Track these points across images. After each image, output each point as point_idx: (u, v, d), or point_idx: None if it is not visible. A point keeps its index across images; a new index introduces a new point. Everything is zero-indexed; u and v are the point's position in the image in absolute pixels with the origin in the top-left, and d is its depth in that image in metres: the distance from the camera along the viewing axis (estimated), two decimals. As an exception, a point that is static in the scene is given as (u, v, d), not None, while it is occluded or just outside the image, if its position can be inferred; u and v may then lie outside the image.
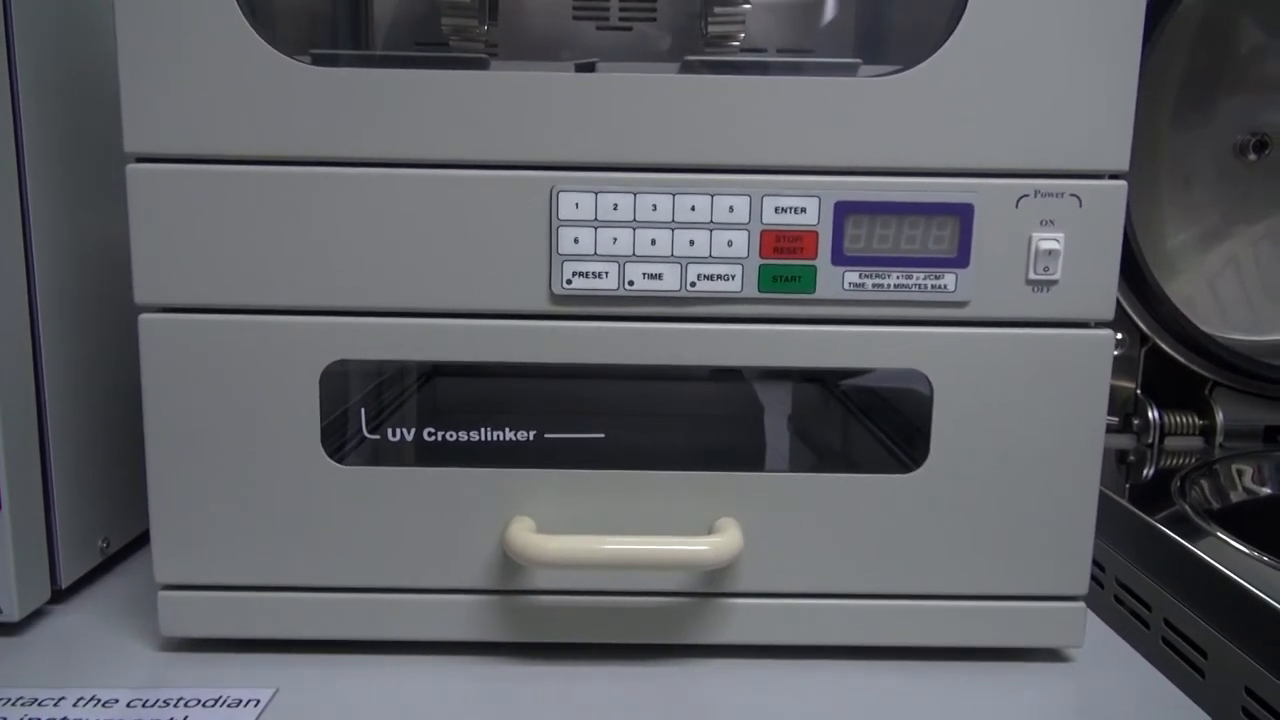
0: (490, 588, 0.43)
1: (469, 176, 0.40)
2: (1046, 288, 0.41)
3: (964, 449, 0.42)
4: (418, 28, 0.60)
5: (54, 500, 0.46)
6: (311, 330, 0.41)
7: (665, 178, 0.40)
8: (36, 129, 0.44)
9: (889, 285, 0.41)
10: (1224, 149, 0.77)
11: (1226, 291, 0.78)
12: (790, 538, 0.43)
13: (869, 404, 0.46)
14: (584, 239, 0.40)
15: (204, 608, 0.43)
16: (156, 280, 0.41)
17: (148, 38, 0.39)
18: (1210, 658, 0.50)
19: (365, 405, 0.43)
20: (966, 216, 0.40)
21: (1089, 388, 0.42)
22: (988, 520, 0.43)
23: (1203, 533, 0.56)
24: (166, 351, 0.41)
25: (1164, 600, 0.55)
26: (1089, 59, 0.40)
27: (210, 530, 0.42)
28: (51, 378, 0.46)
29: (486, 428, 0.43)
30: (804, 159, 0.40)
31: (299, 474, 0.42)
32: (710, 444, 0.47)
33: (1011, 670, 0.44)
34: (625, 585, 0.43)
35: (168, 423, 0.42)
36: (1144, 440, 0.76)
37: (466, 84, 0.39)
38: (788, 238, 0.41)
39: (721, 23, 0.49)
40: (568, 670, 0.43)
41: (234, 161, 0.40)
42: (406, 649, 0.44)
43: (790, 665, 0.44)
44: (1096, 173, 0.41)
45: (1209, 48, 0.75)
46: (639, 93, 0.40)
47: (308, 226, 0.40)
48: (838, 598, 0.44)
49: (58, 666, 0.43)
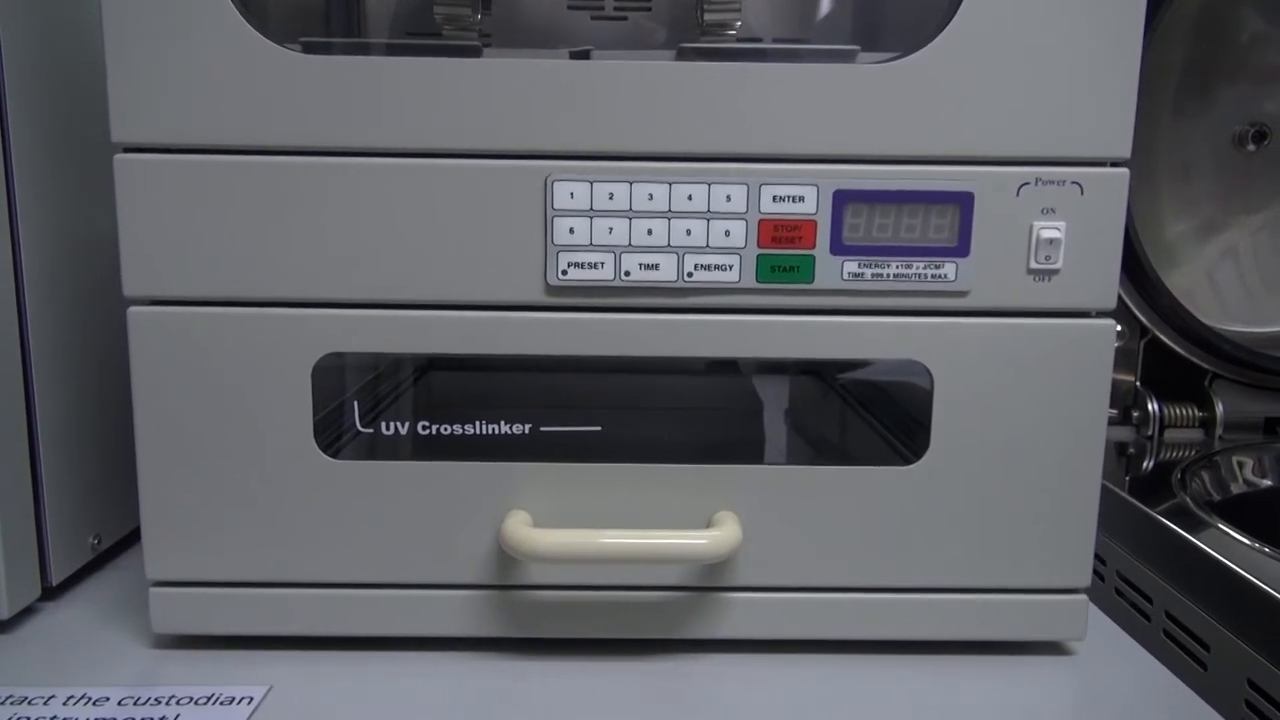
0: (486, 583, 0.43)
1: (462, 166, 0.40)
2: (1048, 277, 0.41)
3: (964, 441, 0.42)
4: (411, 18, 0.60)
5: (44, 496, 0.46)
6: (303, 323, 0.41)
7: (662, 166, 0.40)
8: (23, 119, 0.44)
9: (888, 275, 0.41)
10: (1223, 139, 0.77)
11: (1226, 283, 0.78)
12: (790, 531, 0.43)
13: (868, 395, 0.45)
14: (579, 229, 0.40)
15: (196, 604, 0.43)
16: (145, 273, 0.40)
17: (135, 25, 0.38)
18: (1212, 650, 0.50)
19: (358, 398, 0.43)
20: (967, 205, 0.40)
21: (1091, 378, 0.42)
22: (988, 512, 0.43)
23: (1204, 525, 0.56)
24: (156, 345, 0.41)
25: (1165, 593, 0.54)
26: (1090, 44, 0.39)
27: (202, 526, 0.42)
28: (40, 372, 0.46)
29: (482, 421, 0.43)
30: (802, 147, 0.40)
31: (291, 468, 0.42)
32: (709, 437, 0.46)
33: (1013, 663, 0.44)
34: (623, 580, 0.43)
35: (158, 417, 0.41)
36: (1144, 432, 0.76)
37: (459, 71, 0.39)
38: (786, 227, 0.40)
39: (717, 10, 0.49)
40: (565, 666, 0.43)
41: (223, 151, 0.39)
42: (401, 645, 0.43)
43: (790, 660, 0.43)
44: (1098, 160, 0.40)
45: (1208, 37, 0.75)
46: (634, 80, 0.39)
47: (298, 217, 0.40)
48: (838, 591, 0.43)
49: (48, 664, 0.42)
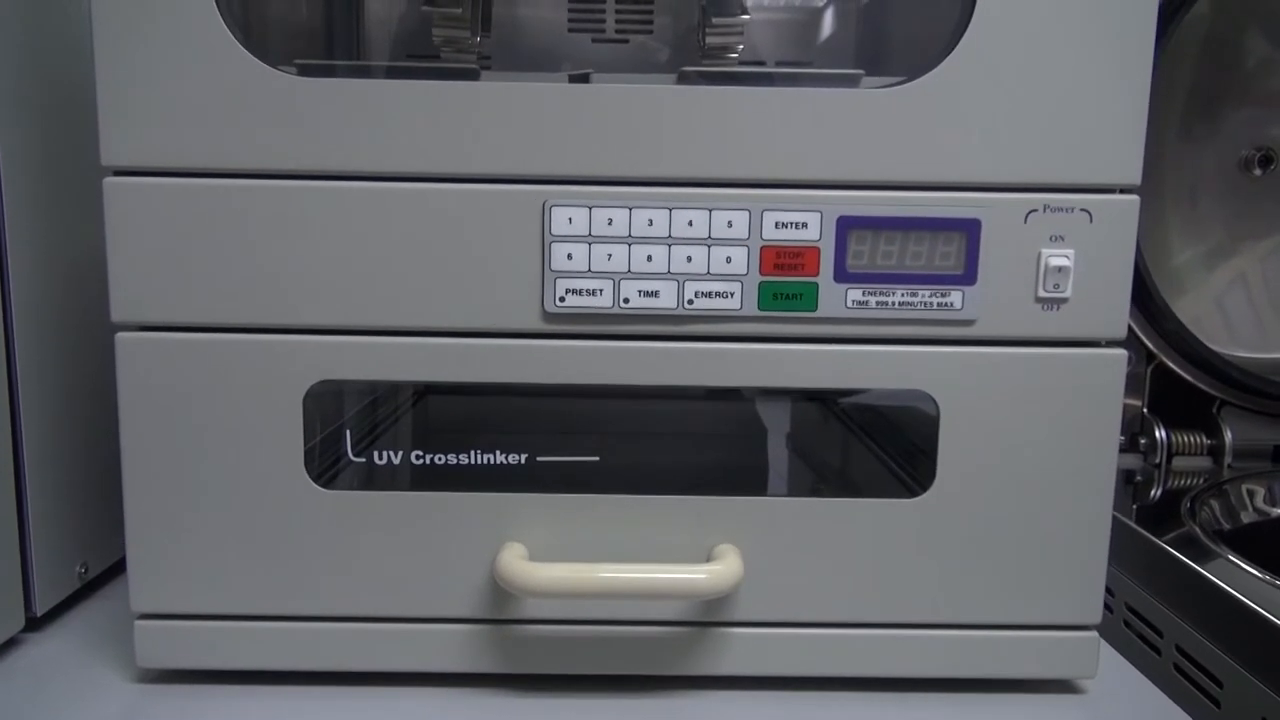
0: (480, 617, 0.42)
1: (458, 190, 0.39)
2: (1056, 305, 0.40)
3: (971, 472, 0.41)
4: (410, 41, 0.60)
5: (29, 524, 0.45)
6: (295, 350, 0.40)
7: (661, 192, 0.39)
8: (12, 141, 0.44)
9: (893, 303, 0.40)
10: (1229, 164, 0.76)
11: (1234, 309, 0.77)
12: (792, 565, 0.42)
13: (873, 426, 0.44)
14: (578, 255, 0.39)
15: (182, 638, 0.42)
16: (134, 298, 0.40)
17: (126, 46, 0.38)
18: (1226, 687, 0.49)
19: (350, 427, 0.42)
20: (973, 232, 0.39)
21: (1101, 408, 0.41)
22: (996, 546, 0.42)
23: (1213, 555, 0.55)
24: (144, 371, 0.40)
25: (1175, 626, 0.53)
26: (1099, 69, 0.39)
27: (189, 557, 0.41)
28: (27, 396, 0.45)
29: (477, 450, 0.42)
30: (805, 172, 0.39)
31: (281, 499, 0.41)
32: (709, 468, 0.45)
33: (1022, 702, 0.43)
34: (621, 615, 0.42)
35: (145, 445, 0.40)
36: (1151, 460, 0.75)
37: (456, 95, 0.38)
38: (788, 254, 0.39)
39: (719, 34, 0.48)
40: (561, 703, 0.42)
41: (215, 175, 0.39)
42: (393, 680, 0.43)
43: (792, 697, 0.43)
44: (1107, 187, 0.40)
45: (1214, 61, 0.74)
46: (634, 104, 0.39)
47: (291, 242, 0.39)
48: (841, 627, 0.42)
49: (30, 698, 0.42)
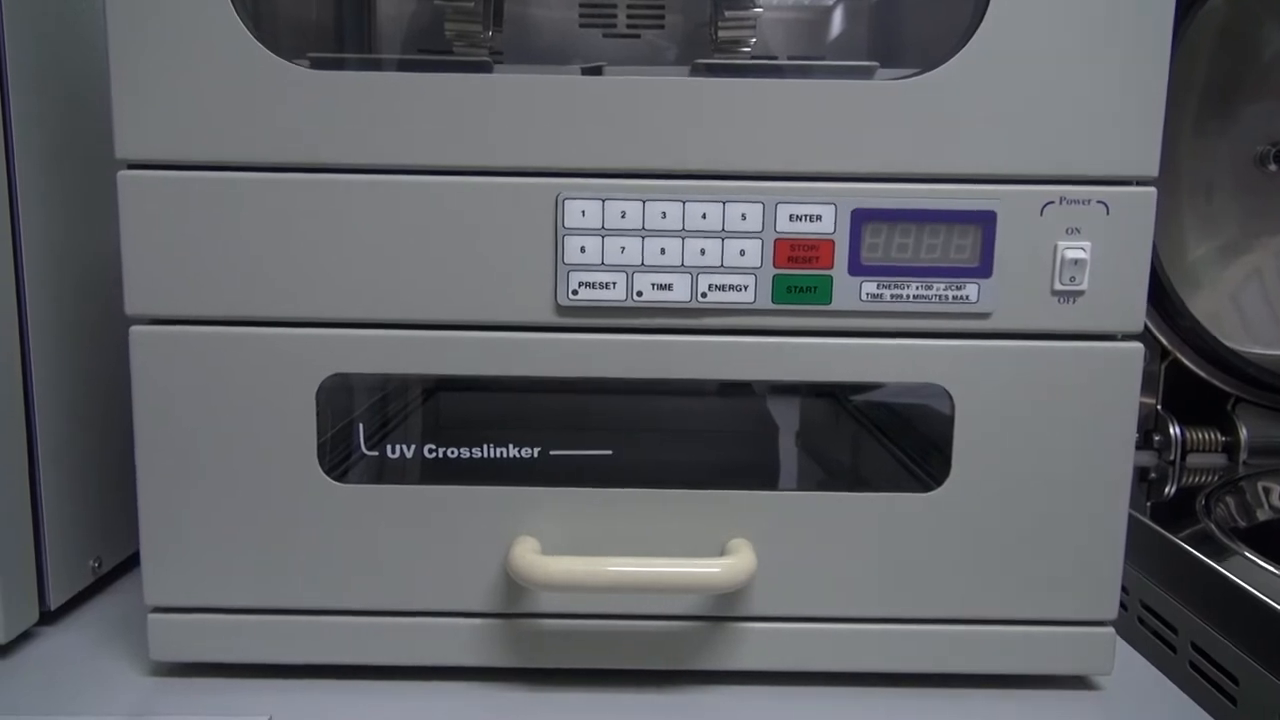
0: (493, 611, 0.42)
1: (471, 183, 0.39)
2: (1073, 298, 0.40)
3: (986, 467, 0.41)
4: (423, 35, 0.60)
5: (43, 518, 0.45)
6: (308, 343, 0.40)
7: (675, 184, 0.39)
8: (27, 134, 0.44)
9: (908, 296, 0.40)
10: (1244, 159, 0.75)
11: (1249, 305, 0.76)
12: (806, 559, 0.42)
13: (887, 420, 0.44)
14: (591, 248, 0.39)
15: (195, 631, 0.42)
16: (148, 291, 0.40)
17: (140, 40, 0.38)
18: (1242, 684, 0.48)
19: (364, 420, 0.42)
20: (989, 224, 0.39)
21: (1117, 402, 0.41)
22: (1011, 541, 0.41)
23: (1229, 552, 0.55)
24: (158, 365, 0.40)
25: (1191, 623, 0.53)
26: (1116, 60, 0.38)
27: (202, 551, 0.41)
28: (41, 390, 0.45)
29: (489, 444, 0.42)
30: (819, 165, 0.39)
31: (294, 492, 0.41)
32: (723, 461, 0.45)
33: (1037, 698, 0.42)
34: (634, 609, 0.42)
35: (159, 438, 0.40)
36: (1165, 457, 0.74)
37: (469, 87, 0.38)
38: (802, 247, 0.39)
39: (732, 27, 0.48)
40: (574, 697, 0.42)
41: (229, 168, 0.39)
42: (406, 674, 0.43)
43: (806, 692, 0.42)
44: (1124, 179, 0.39)
45: (1229, 54, 0.74)
46: (647, 96, 0.38)
47: (305, 235, 0.39)
48: (856, 622, 0.42)
49: (44, 691, 0.42)
